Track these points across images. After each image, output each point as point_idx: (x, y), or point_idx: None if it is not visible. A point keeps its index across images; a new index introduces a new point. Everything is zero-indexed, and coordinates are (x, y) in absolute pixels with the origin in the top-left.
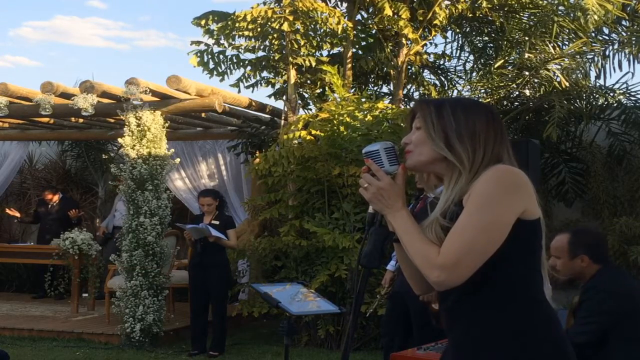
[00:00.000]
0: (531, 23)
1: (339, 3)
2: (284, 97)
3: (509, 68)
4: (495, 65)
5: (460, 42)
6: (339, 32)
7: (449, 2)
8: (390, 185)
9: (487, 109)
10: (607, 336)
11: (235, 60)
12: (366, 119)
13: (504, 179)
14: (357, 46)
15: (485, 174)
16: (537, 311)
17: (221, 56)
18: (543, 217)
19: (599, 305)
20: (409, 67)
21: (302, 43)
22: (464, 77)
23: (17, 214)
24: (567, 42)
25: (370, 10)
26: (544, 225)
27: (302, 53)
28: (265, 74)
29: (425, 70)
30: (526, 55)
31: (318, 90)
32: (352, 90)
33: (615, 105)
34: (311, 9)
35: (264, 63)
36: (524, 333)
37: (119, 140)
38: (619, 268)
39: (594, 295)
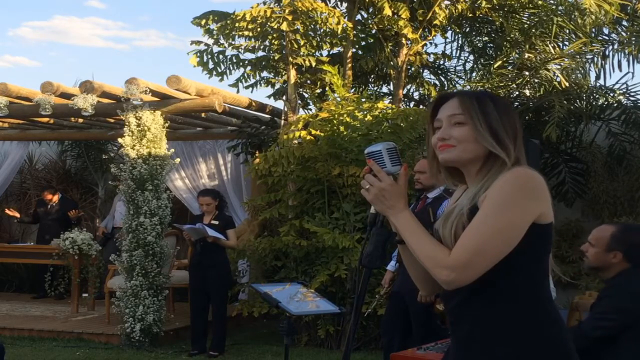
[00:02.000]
0: (531, 23)
1: (338, 3)
2: (284, 97)
3: (509, 68)
4: (495, 65)
5: (460, 42)
6: (339, 32)
7: (449, 2)
8: (392, 186)
9: (515, 110)
10: (619, 335)
11: (235, 60)
12: (366, 119)
13: (521, 182)
14: (357, 46)
15: (504, 176)
16: (542, 311)
17: (221, 56)
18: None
19: (619, 303)
20: (409, 67)
21: (302, 43)
22: (464, 77)
23: (17, 214)
24: (566, 42)
25: (370, 10)
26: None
27: (302, 53)
28: (265, 74)
29: (425, 70)
30: (526, 55)
31: (318, 90)
32: (352, 90)
33: (615, 105)
34: (311, 9)
35: (263, 63)
36: (528, 333)
37: (119, 140)
38: None
39: (615, 292)
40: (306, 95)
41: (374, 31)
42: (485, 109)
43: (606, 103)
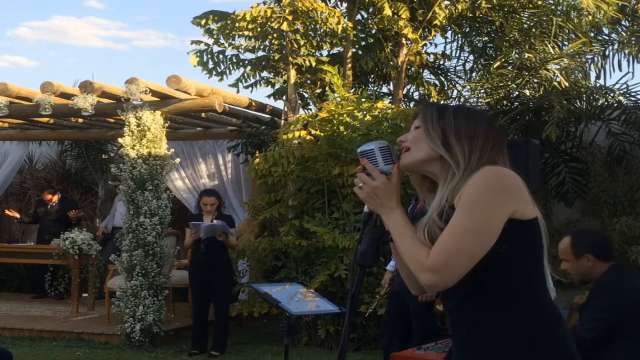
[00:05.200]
0: (530, 23)
1: (339, 3)
2: (284, 97)
3: (509, 68)
4: (495, 66)
5: (460, 42)
6: (339, 32)
7: (448, 2)
8: (385, 184)
9: (489, 119)
10: (613, 334)
11: (234, 60)
12: (366, 119)
13: (491, 181)
14: (357, 46)
15: (475, 176)
16: (540, 310)
17: (221, 56)
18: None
19: (608, 302)
20: (409, 67)
21: (302, 43)
22: (464, 77)
23: (17, 215)
24: (566, 42)
25: (370, 10)
26: (543, 225)
27: (302, 53)
28: (265, 74)
29: (425, 70)
30: (526, 55)
31: (318, 90)
32: (352, 90)
33: (615, 105)
34: (311, 8)
35: (263, 63)
36: (528, 333)
37: (119, 140)
38: (629, 268)
39: (603, 292)
40: (306, 95)
41: (374, 31)
42: (441, 114)
43: (606, 103)
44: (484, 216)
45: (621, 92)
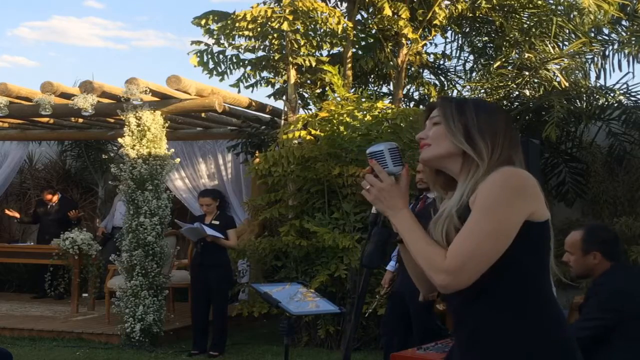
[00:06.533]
0: (531, 23)
1: (339, 3)
2: (284, 97)
3: (509, 68)
4: (495, 65)
5: (460, 42)
6: (339, 32)
7: (448, 2)
8: (392, 186)
9: (506, 115)
10: (611, 334)
11: (235, 60)
12: (366, 119)
13: (510, 182)
14: (357, 46)
15: (492, 177)
16: (546, 312)
17: (221, 56)
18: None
19: (606, 302)
20: (409, 67)
21: (302, 43)
22: (464, 77)
23: (17, 215)
24: (566, 42)
25: (370, 10)
26: (551, 226)
27: (302, 53)
28: (265, 74)
29: (425, 70)
30: (526, 55)
31: (318, 90)
32: (352, 90)
33: (615, 105)
34: (311, 8)
35: (264, 63)
36: (533, 334)
37: (119, 140)
38: (632, 268)
39: (601, 291)
40: (306, 95)
41: (374, 31)
42: (462, 110)
43: (606, 103)
44: (502, 218)
45: (621, 92)
